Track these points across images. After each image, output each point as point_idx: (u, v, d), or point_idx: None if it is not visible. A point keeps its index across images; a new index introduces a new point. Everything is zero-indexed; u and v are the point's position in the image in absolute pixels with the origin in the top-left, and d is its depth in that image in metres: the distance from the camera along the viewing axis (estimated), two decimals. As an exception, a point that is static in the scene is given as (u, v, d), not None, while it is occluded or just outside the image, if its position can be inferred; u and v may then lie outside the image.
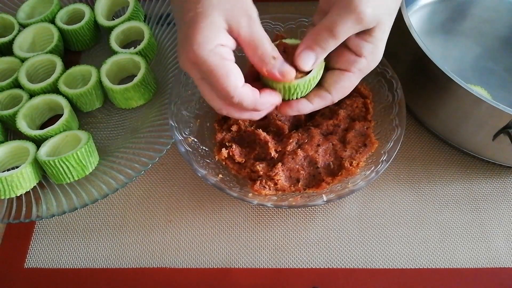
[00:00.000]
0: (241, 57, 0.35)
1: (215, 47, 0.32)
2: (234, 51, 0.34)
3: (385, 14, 0.34)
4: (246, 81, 0.34)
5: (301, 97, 0.37)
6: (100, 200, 0.46)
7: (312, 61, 0.34)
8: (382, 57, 0.38)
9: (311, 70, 0.35)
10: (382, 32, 0.35)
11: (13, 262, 0.47)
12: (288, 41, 0.37)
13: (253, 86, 0.35)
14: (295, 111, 0.38)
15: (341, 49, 0.36)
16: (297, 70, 0.35)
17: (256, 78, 0.38)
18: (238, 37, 0.34)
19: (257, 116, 0.38)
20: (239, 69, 0.34)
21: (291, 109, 0.37)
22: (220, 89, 0.33)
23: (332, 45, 0.34)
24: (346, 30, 0.33)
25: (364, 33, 0.35)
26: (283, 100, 0.37)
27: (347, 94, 0.38)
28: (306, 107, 0.37)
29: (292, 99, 0.37)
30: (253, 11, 0.34)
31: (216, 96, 0.35)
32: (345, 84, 0.37)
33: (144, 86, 0.53)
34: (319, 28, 0.34)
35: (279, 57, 0.34)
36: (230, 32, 0.33)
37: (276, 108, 0.38)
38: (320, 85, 0.37)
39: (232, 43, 0.34)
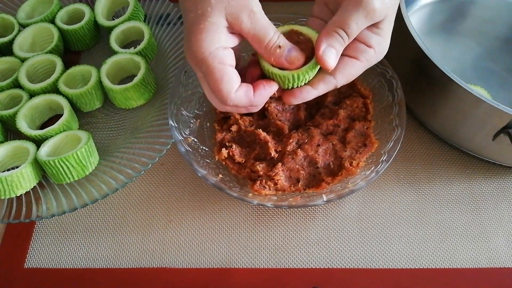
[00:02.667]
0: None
1: (215, 49, 0.33)
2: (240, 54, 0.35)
3: (391, 7, 0.35)
4: (250, 67, 0.36)
5: (306, 85, 0.37)
6: (100, 200, 0.46)
7: (335, 57, 0.35)
8: (382, 57, 0.38)
9: (304, 64, 0.35)
10: (389, 24, 0.36)
11: (13, 262, 0.47)
12: (299, 28, 0.37)
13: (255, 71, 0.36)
14: (299, 99, 0.37)
15: None
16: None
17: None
18: (241, 32, 0.34)
19: (255, 109, 0.38)
20: (236, 72, 0.34)
21: (295, 97, 0.37)
22: (216, 93, 0.34)
23: (347, 41, 0.34)
24: (359, 25, 0.34)
25: (373, 26, 0.35)
26: (284, 89, 0.37)
27: (350, 81, 0.38)
28: (310, 94, 0.37)
29: (295, 87, 0.37)
30: (255, 4, 0.34)
31: (214, 97, 0.36)
32: (351, 71, 0.37)
33: (144, 86, 0.53)
34: (333, 25, 0.34)
35: (286, 45, 0.34)
36: (232, 28, 0.34)
37: (280, 98, 0.38)
38: (323, 70, 0.37)
39: (234, 41, 0.34)
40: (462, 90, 0.42)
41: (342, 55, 0.36)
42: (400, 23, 0.46)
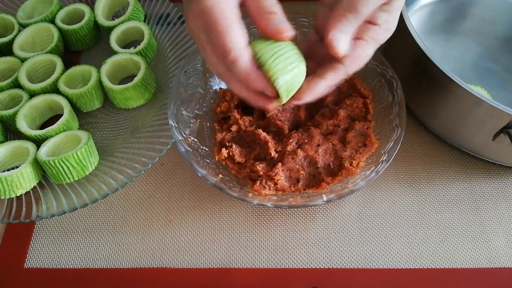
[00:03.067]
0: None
1: None
2: None
3: None
4: None
5: (315, 77, 0.34)
6: (100, 200, 0.46)
7: (346, 42, 0.32)
8: (382, 57, 0.38)
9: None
10: (399, 0, 0.34)
11: (13, 262, 0.47)
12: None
13: None
14: (309, 94, 0.35)
15: None
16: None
17: None
18: None
19: (246, 93, 0.35)
20: (245, 30, 0.32)
21: (305, 93, 0.35)
22: (219, 44, 0.31)
23: (357, 23, 0.32)
24: (370, 7, 0.32)
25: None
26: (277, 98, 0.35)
27: (362, 65, 0.35)
28: (319, 85, 0.34)
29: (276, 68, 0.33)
30: None
31: (216, 57, 0.33)
32: (359, 53, 0.34)
33: (144, 86, 0.53)
34: (342, 9, 0.32)
35: (280, 13, 0.32)
36: None
37: (292, 98, 0.35)
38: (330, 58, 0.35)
39: None
40: (462, 90, 0.42)
41: None
42: (400, 23, 0.46)
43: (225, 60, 0.32)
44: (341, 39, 0.32)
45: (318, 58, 0.37)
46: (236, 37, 0.31)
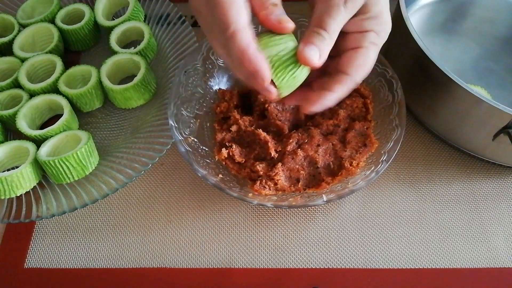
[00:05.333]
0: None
1: None
2: None
3: None
4: None
5: (322, 90, 0.35)
6: (100, 200, 0.46)
7: (317, 54, 0.32)
8: (382, 57, 0.38)
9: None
10: (376, 5, 0.34)
11: (13, 262, 0.47)
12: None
13: None
14: (318, 105, 0.35)
15: (344, 33, 0.35)
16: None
17: None
18: None
19: (243, 75, 0.33)
20: (247, 8, 0.31)
21: (314, 104, 0.35)
22: (219, 20, 0.31)
23: (328, 37, 0.33)
24: (337, 19, 0.32)
25: (360, 12, 0.34)
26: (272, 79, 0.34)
27: (368, 72, 0.36)
28: (329, 97, 0.35)
29: (280, 71, 0.33)
30: None
31: (217, 31, 0.32)
32: (362, 61, 0.35)
33: (144, 86, 0.53)
34: (311, 26, 0.33)
35: (280, 6, 0.32)
36: None
37: (300, 109, 0.35)
38: (336, 70, 0.35)
39: None
40: (462, 90, 0.42)
41: (344, 50, 0.35)
42: (400, 23, 0.46)
43: (224, 35, 0.31)
44: (312, 52, 0.32)
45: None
46: (238, 13, 0.31)
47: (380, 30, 0.35)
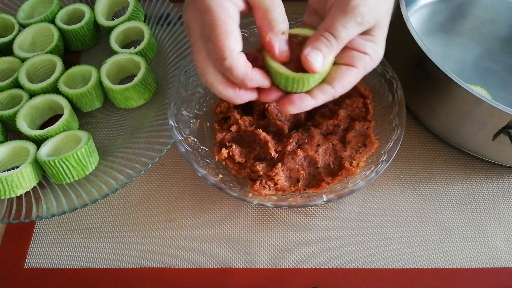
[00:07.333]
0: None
1: (224, 0, 0.31)
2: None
3: (382, 13, 0.34)
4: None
5: (301, 92, 0.36)
6: (100, 200, 0.46)
7: (321, 60, 0.33)
8: (382, 57, 0.38)
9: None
10: (381, 31, 0.35)
11: (13, 262, 0.47)
12: (293, 31, 0.35)
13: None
14: (297, 108, 0.36)
15: (345, 47, 0.35)
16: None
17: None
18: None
19: (239, 99, 0.35)
20: (241, 36, 0.32)
21: (294, 105, 0.36)
22: (216, 46, 0.31)
23: (335, 44, 0.33)
24: (348, 30, 0.33)
25: (365, 33, 0.35)
26: (283, 90, 0.36)
27: (347, 90, 0.36)
28: (307, 103, 0.36)
29: (293, 92, 0.35)
30: None
31: (208, 59, 0.33)
32: (350, 80, 0.35)
33: (144, 86, 0.53)
34: (321, 30, 0.33)
35: (287, 33, 0.33)
36: None
37: (277, 104, 0.36)
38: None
39: (240, 2, 0.33)
40: (462, 90, 0.42)
41: (338, 64, 0.36)
42: (400, 23, 0.46)
43: (222, 64, 0.32)
44: (317, 57, 0.33)
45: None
46: (233, 43, 0.32)
47: (375, 57, 0.36)
